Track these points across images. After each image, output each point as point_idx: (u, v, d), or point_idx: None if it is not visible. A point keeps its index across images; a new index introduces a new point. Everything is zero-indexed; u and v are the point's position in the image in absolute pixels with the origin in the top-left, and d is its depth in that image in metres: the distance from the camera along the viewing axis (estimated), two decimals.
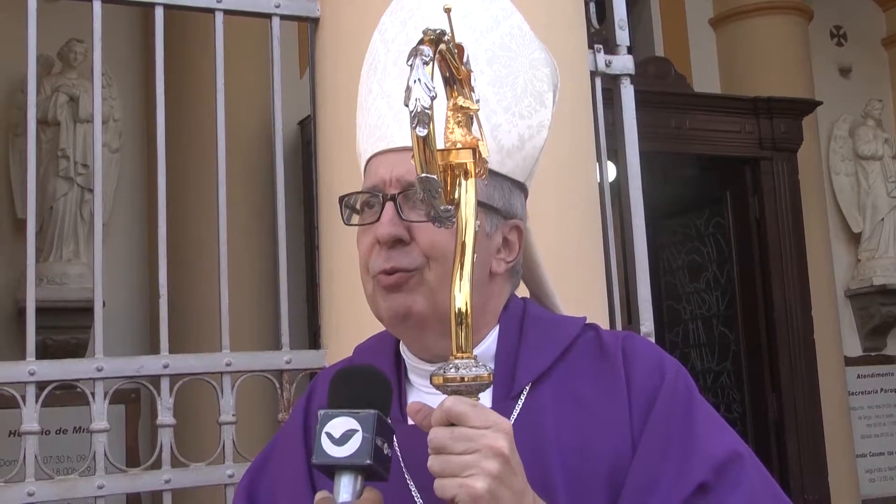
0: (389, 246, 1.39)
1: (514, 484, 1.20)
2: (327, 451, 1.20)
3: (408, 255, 1.38)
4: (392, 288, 1.39)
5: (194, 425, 3.24)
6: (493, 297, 1.46)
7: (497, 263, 1.45)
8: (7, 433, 4.94)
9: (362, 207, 1.46)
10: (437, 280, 1.37)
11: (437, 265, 1.37)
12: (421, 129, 1.16)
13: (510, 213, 1.46)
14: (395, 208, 1.39)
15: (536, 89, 1.49)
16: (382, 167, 1.43)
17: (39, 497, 2.45)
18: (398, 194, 1.39)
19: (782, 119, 6.75)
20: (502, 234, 1.45)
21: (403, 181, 1.39)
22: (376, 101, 1.48)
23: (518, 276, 1.53)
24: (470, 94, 1.28)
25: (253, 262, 5.38)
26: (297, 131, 5.83)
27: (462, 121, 1.27)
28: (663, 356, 1.46)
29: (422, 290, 1.38)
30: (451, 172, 1.25)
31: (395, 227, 1.38)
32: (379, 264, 1.40)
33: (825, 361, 6.81)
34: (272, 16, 2.85)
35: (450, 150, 1.25)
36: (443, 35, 1.21)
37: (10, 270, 5.62)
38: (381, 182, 1.42)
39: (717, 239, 7.10)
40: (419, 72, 1.16)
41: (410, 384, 1.48)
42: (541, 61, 1.52)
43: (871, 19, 8.45)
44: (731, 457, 1.36)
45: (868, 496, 7.42)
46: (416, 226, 1.38)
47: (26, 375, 2.47)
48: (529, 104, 1.47)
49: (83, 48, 5.65)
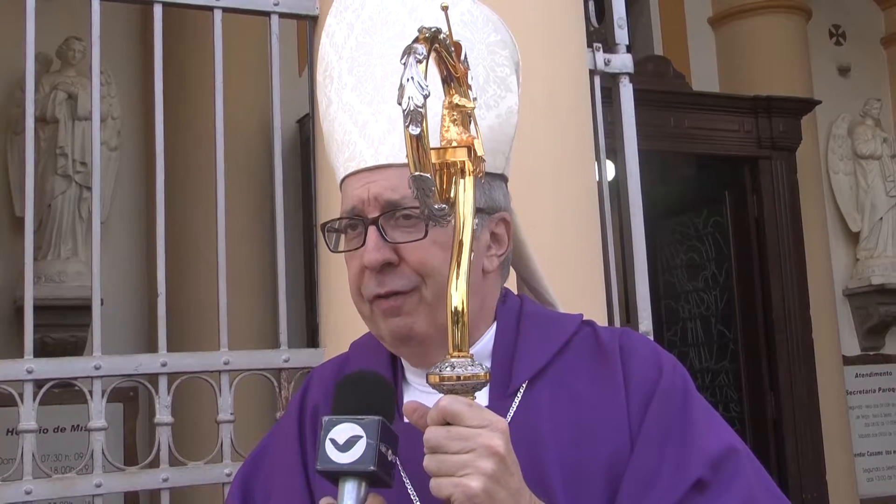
0: (378, 270, 1.37)
1: (510, 483, 1.20)
2: (331, 458, 1.20)
3: (401, 277, 1.37)
4: (392, 312, 1.38)
5: (192, 424, 3.24)
6: (488, 296, 1.46)
7: (489, 261, 1.44)
8: (5, 431, 4.93)
9: (345, 229, 1.43)
10: (434, 297, 1.36)
11: (431, 281, 1.36)
12: (414, 127, 1.15)
13: (494, 208, 1.45)
14: (378, 232, 1.37)
15: (499, 75, 1.47)
16: (358, 188, 1.41)
17: (37, 495, 2.44)
18: (379, 217, 1.37)
19: (781, 118, 6.74)
20: (489, 231, 1.44)
21: (382, 201, 1.37)
22: (338, 114, 1.45)
23: (508, 267, 1.52)
24: (466, 91, 1.27)
25: (251, 261, 5.38)
26: (296, 129, 5.83)
27: (458, 119, 1.26)
28: (660, 352, 1.46)
29: (421, 310, 1.37)
30: (447, 171, 1.24)
31: (382, 252, 1.36)
32: (372, 289, 1.38)
33: (823, 361, 6.81)
34: (271, 13, 2.85)
35: (445, 149, 1.24)
36: (438, 33, 1.21)
37: (8, 268, 5.61)
38: (359, 203, 1.40)
39: (715, 238, 7.09)
40: (412, 70, 1.15)
41: (407, 382, 1.48)
42: (498, 44, 1.49)
43: (869, 18, 8.44)
44: (728, 452, 1.36)
45: (866, 495, 7.41)
46: (402, 246, 1.36)
47: (24, 373, 2.47)
48: (494, 92, 1.46)
49: (82, 46, 5.65)
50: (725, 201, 6.97)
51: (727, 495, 1.32)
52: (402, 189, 1.33)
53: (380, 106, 1.40)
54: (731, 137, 6.70)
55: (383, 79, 1.39)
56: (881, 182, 7.95)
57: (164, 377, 2.61)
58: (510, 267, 1.55)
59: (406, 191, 1.29)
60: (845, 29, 8.34)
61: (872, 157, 7.99)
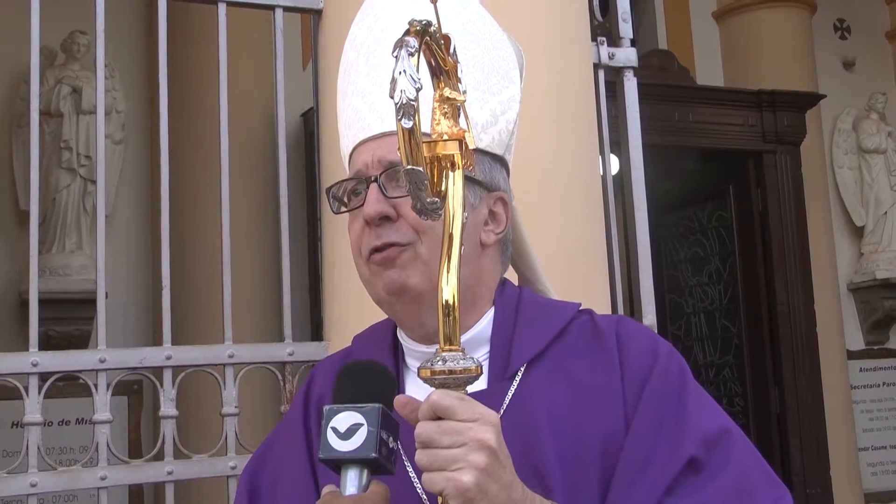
0: (377, 224, 1.41)
1: (501, 476, 1.20)
2: (333, 446, 1.21)
3: (397, 231, 1.41)
4: (386, 263, 1.41)
5: (197, 417, 3.25)
6: (485, 272, 1.48)
7: (486, 235, 1.47)
8: (10, 424, 4.95)
9: (349, 197, 1.48)
10: (429, 253, 1.40)
11: (427, 238, 1.40)
12: (406, 120, 1.15)
13: (493, 186, 1.49)
14: (379, 188, 1.41)
15: (502, 68, 1.53)
16: (363, 154, 1.46)
17: (42, 488, 2.45)
18: (380, 174, 1.42)
19: (785, 112, 6.74)
20: (487, 207, 1.48)
21: (385, 161, 1.42)
22: (352, 100, 1.51)
23: (509, 251, 1.55)
24: (457, 84, 1.28)
25: (255, 254, 5.38)
26: (300, 123, 5.83)
27: (448, 112, 1.26)
28: (656, 338, 1.49)
29: (416, 265, 1.40)
30: (438, 164, 1.25)
31: (381, 205, 1.41)
32: (370, 242, 1.42)
33: (827, 355, 6.81)
34: (275, 7, 2.85)
35: (436, 142, 1.25)
36: (428, 26, 1.21)
37: (13, 262, 5.62)
38: (363, 167, 1.45)
39: (719, 232, 7.09)
40: (404, 63, 1.16)
41: (409, 369, 1.49)
42: (503, 42, 1.56)
43: (874, 12, 8.43)
44: (721, 433, 1.38)
45: (870, 490, 7.42)
46: (401, 202, 1.40)
47: (29, 366, 2.47)
48: (498, 81, 1.51)
49: (86, 40, 5.65)
50: (730, 195, 6.97)
51: (721, 475, 1.33)
52: None
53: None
54: (736, 131, 6.69)
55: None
56: (886, 176, 7.95)
57: (169, 370, 2.62)
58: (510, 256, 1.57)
59: None
60: (850, 23, 8.33)
61: (877, 152, 7.98)
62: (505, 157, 1.54)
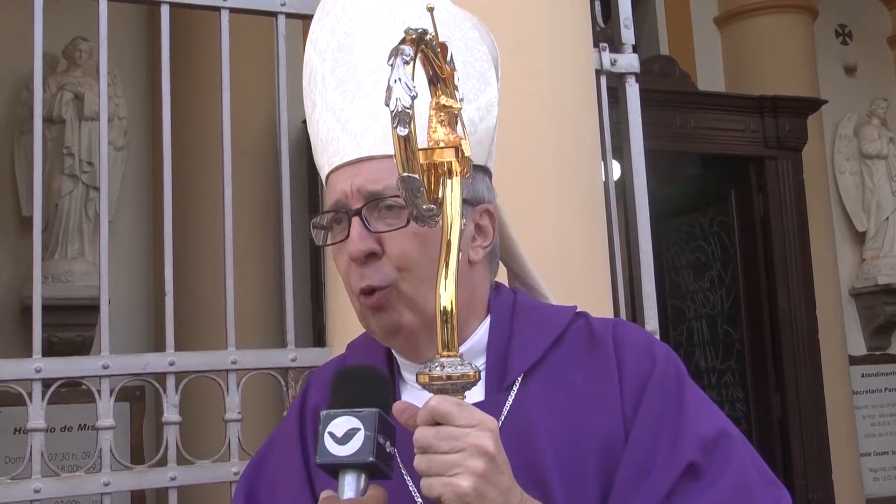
0: (362, 262, 1.38)
1: (500, 482, 1.20)
2: (330, 450, 1.21)
3: (379, 271, 1.38)
4: (376, 308, 1.39)
5: (200, 423, 3.25)
6: (477, 287, 1.47)
7: (474, 252, 1.45)
8: (13, 430, 4.95)
9: (331, 225, 1.45)
10: (412, 290, 1.37)
11: (408, 275, 1.37)
12: (402, 128, 1.15)
13: (477, 199, 1.46)
14: (362, 222, 1.38)
15: (477, 70, 1.49)
16: (341, 181, 1.43)
17: (45, 494, 2.45)
18: (362, 207, 1.39)
19: (787, 118, 6.74)
20: (473, 222, 1.45)
21: (365, 192, 1.39)
22: (322, 114, 1.47)
23: (497, 259, 1.54)
24: (453, 92, 1.27)
25: (258, 260, 5.38)
26: (303, 129, 5.80)
27: (445, 119, 1.26)
28: (653, 341, 1.47)
29: (403, 303, 1.38)
30: (434, 172, 1.25)
31: (366, 242, 1.38)
32: (357, 283, 1.40)
33: (829, 360, 6.80)
34: (278, 14, 2.86)
35: (433, 149, 1.25)
36: (424, 34, 1.21)
37: (15, 268, 5.63)
38: (343, 196, 1.42)
39: (721, 238, 7.09)
40: (400, 71, 1.15)
41: (404, 381, 1.48)
42: (475, 40, 1.51)
43: (876, 18, 8.43)
44: (720, 436, 1.37)
45: (872, 495, 7.41)
46: (386, 236, 1.38)
47: (32, 373, 2.48)
48: (474, 86, 1.47)
49: (88, 46, 5.66)
50: (731, 201, 6.97)
51: (721, 479, 1.33)
52: (385, 180, 1.35)
53: (361, 102, 1.41)
54: (737, 137, 6.69)
55: (364, 76, 1.41)
56: (887, 182, 7.94)
57: (172, 376, 2.62)
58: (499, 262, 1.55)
59: (388, 182, 1.32)
60: (851, 28, 8.33)
61: (879, 157, 7.98)
62: (487, 164, 1.51)
